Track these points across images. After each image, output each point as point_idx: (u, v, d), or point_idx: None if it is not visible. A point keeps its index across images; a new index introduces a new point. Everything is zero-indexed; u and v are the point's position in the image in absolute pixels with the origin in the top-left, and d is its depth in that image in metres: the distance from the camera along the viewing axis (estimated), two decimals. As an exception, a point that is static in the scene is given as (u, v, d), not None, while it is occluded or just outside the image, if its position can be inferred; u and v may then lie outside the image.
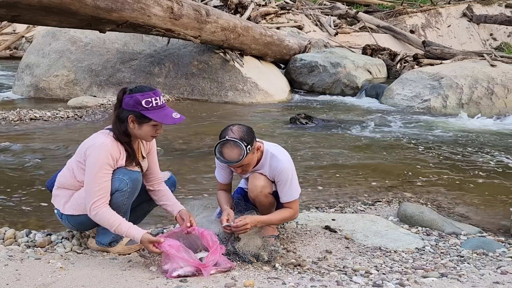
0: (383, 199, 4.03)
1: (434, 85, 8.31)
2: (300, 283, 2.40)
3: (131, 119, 2.59)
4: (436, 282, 2.44)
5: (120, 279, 2.36)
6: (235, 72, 8.70)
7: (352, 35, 15.00)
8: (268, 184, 2.86)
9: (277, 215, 2.88)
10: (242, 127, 2.72)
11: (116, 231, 2.54)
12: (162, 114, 2.59)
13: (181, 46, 8.88)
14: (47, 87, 8.71)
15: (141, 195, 2.81)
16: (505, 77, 8.23)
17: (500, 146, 6.02)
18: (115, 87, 8.58)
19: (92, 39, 9.02)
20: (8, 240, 2.86)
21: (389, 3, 19.41)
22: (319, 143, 5.84)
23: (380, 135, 6.43)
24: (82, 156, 2.62)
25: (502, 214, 3.76)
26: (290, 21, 14.42)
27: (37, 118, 6.79)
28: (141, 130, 2.62)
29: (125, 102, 2.60)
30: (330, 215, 3.48)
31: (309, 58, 10.02)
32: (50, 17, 5.66)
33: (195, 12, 7.47)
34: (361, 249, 2.96)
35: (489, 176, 4.76)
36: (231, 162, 2.69)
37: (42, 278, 2.33)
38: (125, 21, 6.35)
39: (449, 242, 3.15)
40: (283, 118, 7.32)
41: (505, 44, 17.10)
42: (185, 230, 2.66)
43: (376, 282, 2.43)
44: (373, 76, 10.03)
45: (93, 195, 2.53)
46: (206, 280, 2.38)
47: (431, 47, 11.53)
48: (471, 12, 17.99)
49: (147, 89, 2.60)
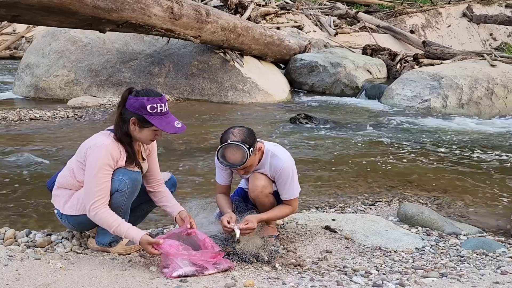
0: (383, 199, 4.03)
1: (434, 85, 8.31)
2: (300, 283, 2.40)
3: (133, 121, 2.59)
4: (436, 282, 2.44)
5: (120, 279, 2.36)
6: (235, 72, 8.70)
7: (352, 35, 15.01)
8: (268, 184, 2.87)
9: (277, 212, 2.90)
10: (243, 129, 2.71)
11: (115, 232, 2.53)
12: (165, 122, 2.58)
13: (181, 46, 8.88)
14: (47, 87, 8.71)
15: (141, 196, 2.81)
16: (505, 77, 8.23)
17: (500, 146, 6.02)
18: (115, 87, 8.60)
19: (92, 39, 9.02)
20: (8, 240, 2.85)
21: (389, 3, 19.42)
22: (319, 143, 5.84)
23: (380, 135, 6.43)
24: (82, 156, 2.62)
25: (502, 214, 3.76)
26: (290, 21, 14.42)
27: (37, 118, 6.79)
28: (141, 133, 2.62)
29: (129, 103, 2.58)
30: (330, 215, 3.48)
31: (309, 58, 10.03)
32: (50, 17, 5.67)
33: (195, 12, 7.47)
34: (361, 249, 2.96)
35: (489, 176, 4.76)
36: (234, 165, 2.69)
37: (42, 278, 2.33)
38: (125, 21, 6.36)
39: (449, 242, 3.15)
40: (283, 118, 7.32)
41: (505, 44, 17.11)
42: (185, 232, 2.65)
43: (376, 282, 2.43)
44: (373, 76, 10.02)
45: (93, 196, 2.52)
46: (206, 280, 2.38)
47: (431, 47, 11.54)
48: (471, 12, 18.00)
49: (153, 94, 2.59)
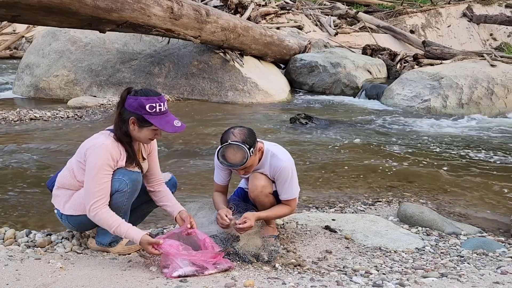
0: (383, 199, 4.03)
1: (434, 85, 8.31)
2: (300, 283, 2.40)
3: (132, 121, 2.58)
4: (436, 282, 2.44)
5: (120, 279, 2.36)
6: (235, 72, 8.70)
7: (352, 35, 15.00)
8: (268, 183, 2.87)
9: (275, 211, 2.91)
10: (243, 130, 2.71)
11: (115, 232, 2.53)
12: (164, 121, 2.58)
13: (181, 46, 8.88)
14: (47, 87, 8.71)
15: (141, 196, 2.81)
16: (505, 77, 8.23)
17: (500, 146, 6.02)
18: (115, 87, 8.59)
19: (92, 39, 9.03)
20: (8, 240, 2.86)
21: (389, 3, 19.41)
22: (319, 143, 5.84)
23: (380, 135, 6.43)
24: (82, 157, 2.61)
25: (502, 214, 3.76)
26: (290, 21, 14.41)
27: (37, 118, 6.79)
28: (140, 133, 2.61)
29: (128, 103, 2.58)
30: (330, 215, 3.48)
31: (309, 58, 10.02)
32: (50, 17, 5.67)
33: (195, 12, 7.47)
34: (361, 249, 2.96)
35: (489, 176, 4.76)
36: (234, 165, 2.69)
37: (42, 278, 2.33)
38: (125, 21, 6.36)
39: (449, 242, 3.15)
40: (283, 118, 7.31)
41: (505, 44, 17.10)
42: (185, 232, 2.65)
43: (376, 282, 2.43)
44: (373, 76, 10.02)
45: (93, 196, 2.52)
46: (206, 280, 2.38)
47: (431, 47, 11.54)
48: (471, 12, 18.00)
49: (152, 94, 2.59)
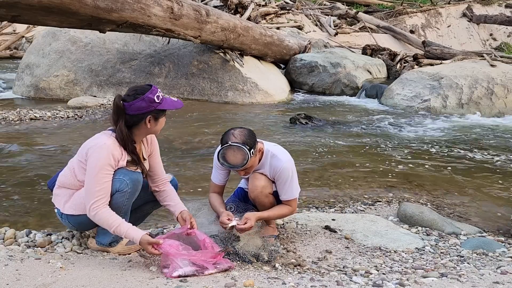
0: (383, 199, 4.03)
1: (434, 85, 8.31)
2: (300, 283, 2.40)
3: (148, 120, 2.61)
4: (436, 282, 2.44)
5: (120, 279, 2.36)
6: (235, 72, 8.70)
7: (352, 35, 15.00)
8: (268, 184, 2.87)
9: (276, 211, 2.91)
10: (243, 131, 2.71)
11: (115, 232, 2.53)
12: (170, 102, 2.68)
13: (181, 46, 8.88)
14: (47, 87, 8.71)
15: (143, 197, 2.81)
16: (505, 77, 8.23)
17: (500, 146, 6.02)
18: (115, 87, 8.59)
19: (92, 39, 9.02)
20: (8, 240, 2.86)
21: (389, 3, 19.42)
22: (319, 143, 5.84)
23: (380, 135, 6.43)
24: (83, 156, 2.62)
25: (502, 214, 3.76)
26: (290, 21, 14.41)
27: (37, 118, 6.79)
28: (157, 125, 2.67)
29: (134, 108, 2.57)
30: (330, 215, 3.48)
31: (309, 58, 10.02)
32: (50, 17, 5.67)
33: (195, 12, 7.47)
34: (361, 249, 2.96)
35: (489, 176, 4.76)
36: (235, 166, 2.70)
37: (42, 278, 2.33)
38: (125, 21, 6.36)
39: (449, 242, 3.15)
40: (283, 118, 7.31)
41: (505, 44, 17.10)
42: (185, 232, 2.66)
43: (376, 282, 2.43)
44: (373, 76, 10.02)
45: (93, 196, 2.52)
46: (206, 280, 2.38)
47: (431, 47, 11.54)
48: (471, 12, 18.00)
49: (148, 86, 2.63)
